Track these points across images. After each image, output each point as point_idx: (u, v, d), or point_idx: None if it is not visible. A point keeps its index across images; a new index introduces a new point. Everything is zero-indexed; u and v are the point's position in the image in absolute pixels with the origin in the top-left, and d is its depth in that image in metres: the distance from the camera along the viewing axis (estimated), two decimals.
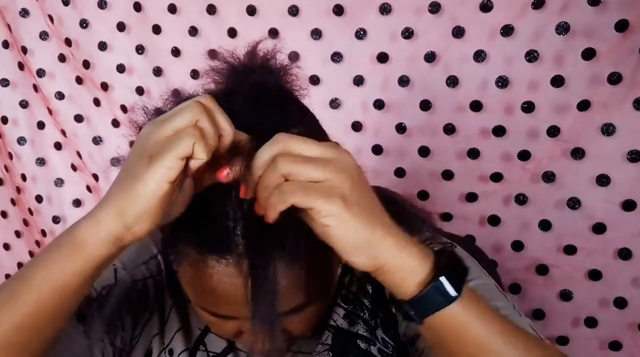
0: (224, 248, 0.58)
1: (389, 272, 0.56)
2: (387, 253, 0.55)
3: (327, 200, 0.52)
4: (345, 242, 0.54)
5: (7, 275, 1.74)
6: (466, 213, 1.34)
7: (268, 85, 0.67)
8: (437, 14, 1.24)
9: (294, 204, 0.52)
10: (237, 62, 0.69)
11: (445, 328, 0.57)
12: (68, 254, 0.55)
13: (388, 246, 0.55)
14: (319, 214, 0.52)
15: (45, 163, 1.63)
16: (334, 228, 0.53)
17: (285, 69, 0.70)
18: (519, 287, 1.34)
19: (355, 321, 0.81)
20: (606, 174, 1.20)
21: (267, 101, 0.65)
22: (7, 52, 1.55)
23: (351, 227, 0.53)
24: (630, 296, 1.26)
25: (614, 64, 1.15)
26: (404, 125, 1.32)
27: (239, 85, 0.66)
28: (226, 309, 0.63)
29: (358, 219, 0.53)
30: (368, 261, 0.55)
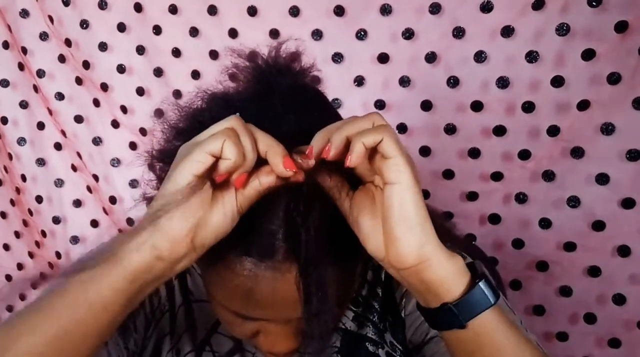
0: (266, 252, 0.58)
1: (433, 269, 0.56)
2: (433, 246, 0.56)
3: (403, 155, 0.53)
4: (405, 211, 0.54)
5: (7, 275, 1.74)
6: (467, 212, 1.35)
7: (306, 89, 0.68)
8: (438, 15, 1.24)
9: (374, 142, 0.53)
10: (261, 61, 0.69)
11: (482, 333, 0.58)
12: (104, 266, 0.54)
13: (434, 239, 0.56)
14: (394, 166, 0.53)
15: (45, 163, 1.63)
16: (398, 189, 0.54)
17: (308, 70, 0.70)
18: (519, 284, 1.36)
19: (364, 323, 0.81)
20: (605, 173, 1.22)
21: (307, 106, 0.65)
22: (7, 52, 1.54)
23: (413, 197, 0.54)
24: (628, 292, 1.28)
25: (613, 64, 1.16)
26: (405, 126, 1.33)
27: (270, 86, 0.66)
28: (256, 311, 0.63)
29: (418, 193, 0.54)
30: (416, 247, 0.55)
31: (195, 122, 0.65)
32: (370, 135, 0.53)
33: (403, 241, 0.55)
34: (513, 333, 0.59)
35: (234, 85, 0.70)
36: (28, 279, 1.73)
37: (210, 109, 0.66)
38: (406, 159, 0.54)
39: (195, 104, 0.68)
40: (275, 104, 0.64)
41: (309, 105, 0.66)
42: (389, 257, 0.57)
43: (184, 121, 0.67)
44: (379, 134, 0.53)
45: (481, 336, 0.58)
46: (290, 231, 0.56)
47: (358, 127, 0.55)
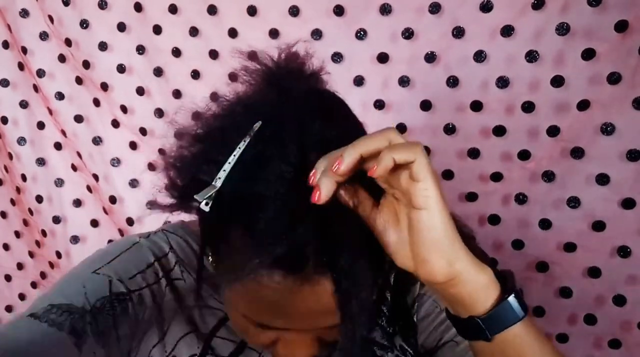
0: (296, 265, 0.57)
1: (462, 284, 0.56)
2: (463, 263, 0.56)
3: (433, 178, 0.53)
4: (434, 235, 0.54)
5: (6, 276, 1.74)
6: (466, 212, 1.34)
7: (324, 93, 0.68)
8: (438, 14, 1.24)
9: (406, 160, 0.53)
10: (273, 65, 0.68)
11: (508, 346, 0.59)
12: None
13: (464, 255, 0.56)
14: (423, 191, 0.53)
15: (45, 163, 1.63)
16: (427, 214, 0.53)
17: (319, 73, 0.70)
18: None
19: (372, 327, 0.81)
20: (605, 173, 1.21)
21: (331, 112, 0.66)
22: (7, 52, 1.54)
23: (442, 220, 0.54)
24: (628, 293, 1.27)
25: (613, 64, 1.16)
26: (405, 126, 1.33)
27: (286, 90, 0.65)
28: (281, 321, 0.62)
29: (447, 216, 0.54)
30: (446, 265, 0.55)
31: (215, 129, 0.64)
32: (402, 153, 0.53)
33: (432, 262, 0.55)
34: (540, 345, 0.60)
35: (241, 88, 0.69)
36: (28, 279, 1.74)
37: (229, 117, 0.65)
38: (435, 182, 0.53)
39: (211, 110, 0.67)
40: (298, 109, 0.63)
41: (333, 112, 0.66)
42: (418, 273, 0.57)
43: (201, 127, 0.66)
44: (412, 154, 0.53)
45: (507, 348, 0.59)
46: (321, 242, 0.56)
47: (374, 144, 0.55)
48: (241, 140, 0.61)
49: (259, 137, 0.61)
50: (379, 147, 0.54)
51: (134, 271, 0.78)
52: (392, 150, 0.53)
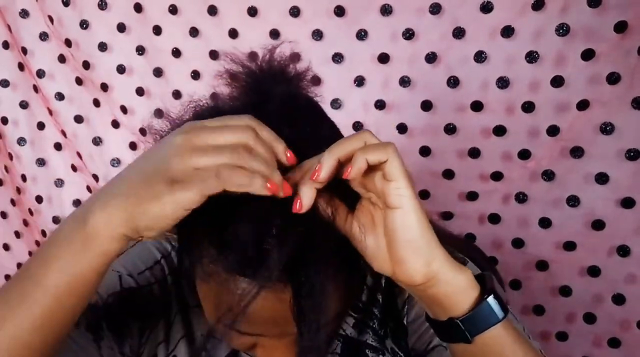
0: (258, 274, 0.56)
1: (440, 285, 0.56)
2: (440, 263, 0.56)
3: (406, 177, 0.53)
4: (410, 234, 0.54)
5: (7, 276, 1.74)
6: (467, 212, 1.35)
7: (299, 97, 0.67)
8: (438, 15, 1.24)
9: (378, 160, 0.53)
10: (255, 66, 0.68)
11: (488, 348, 0.59)
12: (81, 249, 0.54)
13: (441, 255, 0.56)
14: (396, 190, 0.53)
15: (45, 164, 1.63)
16: (402, 214, 0.53)
17: (303, 75, 0.70)
18: (518, 284, 1.36)
19: (364, 330, 0.81)
20: (605, 173, 1.22)
21: (300, 116, 0.65)
22: (7, 52, 1.54)
23: (417, 220, 0.54)
24: (628, 292, 1.28)
25: (613, 64, 1.16)
26: (405, 126, 1.33)
27: (264, 94, 0.65)
28: (251, 327, 0.62)
29: (423, 215, 0.54)
30: (423, 266, 0.55)
31: None
32: (375, 153, 0.53)
33: (410, 262, 0.55)
34: (520, 347, 0.59)
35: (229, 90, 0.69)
36: None
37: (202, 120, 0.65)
38: (408, 182, 0.53)
39: (187, 116, 0.67)
40: (269, 114, 0.62)
41: (301, 116, 0.65)
42: (396, 275, 0.57)
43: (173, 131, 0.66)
44: (384, 153, 0.53)
45: (488, 350, 0.59)
46: (285, 252, 0.55)
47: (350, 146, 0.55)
48: None
49: None
50: (354, 148, 0.55)
51: (142, 267, 0.79)
52: (364, 151, 0.53)
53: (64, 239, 0.55)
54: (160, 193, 0.51)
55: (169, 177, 0.52)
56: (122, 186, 0.54)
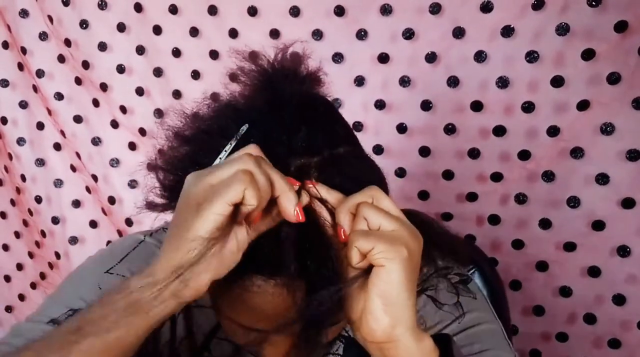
0: (275, 270, 0.57)
1: (397, 350, 0.56)
2: (405, 328, 0.55)
3: (391, 244, 0.53)
4: (384, 291, 0.54)
5: (5, 276, 1.74)
6: (466, 212, 1.35)
7: (316, 98, 0.67)
8: (438, 15, 1.24)
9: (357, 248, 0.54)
10: (268, 65, 0.67)
11: None
12: (126, 315, 0.54)
13: (409, 322, 0.56)
14: (376, 254, 0.53)
15: (44, 164, 1.63)
16: (385, 271, 0.53)
17: (314, 74, 0.69)
18: (518, 284, 1.36)
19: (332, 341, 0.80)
20: (605, 173, 1.22)
21: (318, 117, 0.64)
22: (7, 52, 1.55)
23: (398, 280, 0.54)
24: (628, 293, 1.27)
25: (613, 64, 1.16)
26: (405, 126, 1.33)
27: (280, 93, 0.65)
28: (263, 324, 0.62)
29: (407, 279, 0.54)
30: (387, 326, 0.55)
31: (201, 132, 0.64)
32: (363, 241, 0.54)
33: (376, 317, 0.55)
34: None
35: (239, 88, 0.69)
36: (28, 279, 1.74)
37: (218, 120, 0.65)
38: (399, 249, 0.53)
39: (202, 112, 0.67)
40: (286, 116, 0.62)
41: (320, 119, 0.65)
42: (359, 326, 0.57)
43: (190, 129, 0.65)
44: (371, 243, 0.53)
45: None
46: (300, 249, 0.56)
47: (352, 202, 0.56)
48: (227, 143, 0.60)
49: (244, 141, 0.60)
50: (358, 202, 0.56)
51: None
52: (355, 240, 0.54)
53: (110, 303, 0.55)
54: (189, 222, 0.52)
55: (193, 208, 0.52)
56: (164, 246, 0.55)
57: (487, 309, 0.79)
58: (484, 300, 0.80)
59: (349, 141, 0.66)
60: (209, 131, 0.63)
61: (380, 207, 0.56)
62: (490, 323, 0.77)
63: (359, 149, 0.68)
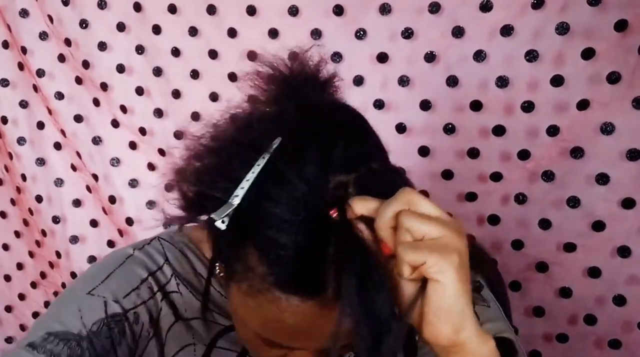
0: (315, 290, 0.56)
1: (463, 353, 0.55)
2: (470, 332, 0.55)
3: (441, 255, 0.52)
4: (442, 304, 0.53)
5: (5, 276, 1.74)
6: (466, 213, 1.34)
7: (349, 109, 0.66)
8: (437, 14, 1.24)
9: (408, 262, 0.52)
10: (286, 70, 0.66)
11: None
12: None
13: (472, 326, 0.55)
14: (430, 269, 0.52)
15: (45, 163, 1.63)
16: (441, 285, 0.52)
17: (333, 79, 0.68)
18: (518, 285, 1.35)
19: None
20: (605, 173, 1.21)
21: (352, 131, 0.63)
22: (7, 52, 1.55)
23: (455, 291, 0.53)
24: (629, 293, 1.27)
25: (613, 63, 1.15)
26: (404, 125, 1.33)
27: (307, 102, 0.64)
28: (293, 342, 0.62)
29: (462, 286, 0.53)
30: (451, 333, 0.54)
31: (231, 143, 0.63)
32: (413, 255, 0.52)
33: (438, 327, 0.54)
34: None
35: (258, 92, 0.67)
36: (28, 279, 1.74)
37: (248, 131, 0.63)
38: (450, 258, 0.52)
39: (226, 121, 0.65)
40: (321, 129, 0.61)
41: (356, 129, 0.64)
42: (422, 331, 0.56)
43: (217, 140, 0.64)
44: (421, 256, 0.52)
45: None
46: (339, 268, 0.54)
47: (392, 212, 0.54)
48: (259, 157, 0.59)
49: (278, 155, 0.59)
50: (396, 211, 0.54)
51: (128, 289, 0.76)
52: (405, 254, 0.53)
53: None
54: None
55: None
56: None
57: (502, 317, 0.78)
58: (497, 308, 0.79)
59: (381, 155, 0.65)
60: (239, 143, 0.62)
61: (420, 213, 0.53)
62: (505, 333, 0.75)
63: (389, 162, 0.67)
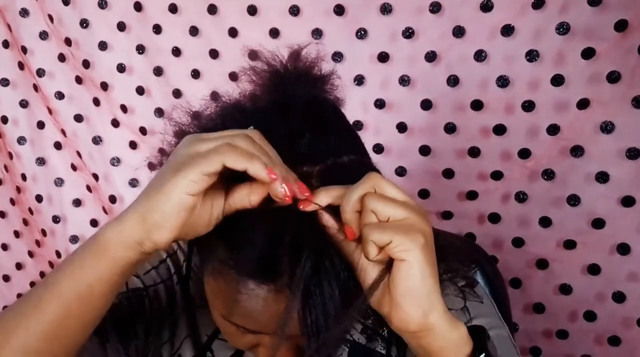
0: (269, 275, 0.57)
1: (433, 337, 0.56)
2: (439, 316, 0.55)
3: (407, 234, 0.52)
4: (409, 285, 0.53)
5: (4, 276, 1.74)
6: (466, 211, 1.35)
7: (325, 103, 0.66)
8: (438, 14, 1.24)
9: (374, 242, 0.53)
10: (281, 66, 0.67)
11: None
12: (92, 258, 0.55)
13: (441, 308, 0.55)
14: (395, 248, 0.52)
15: (45, 163, 1.63)
16: (407, 265, 0.53)
17: (327, 78, 0.69)
18: (519, 282, 1.36)
19: (372, 336, 0.80)
20: (605, 171, 1.22)
21: (324, 123, 0.64)
22: (7, 51, 1.54)
23: (420, 271, 0.53)
24: (628, 290, 1.28)
25: (613, 63, 1.16)
26: (405, 125, 1.33)
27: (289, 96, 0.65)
28: (256, 326, 0.62)
29: (428, 266, 0.53)
30: (420, 316, 0.54)
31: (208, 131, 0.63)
32: (378, 235, 0.53)
33: (406, 309, 0.54)
34: None
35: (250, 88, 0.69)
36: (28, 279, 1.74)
37: (223, 119, 0.65)
38: (415, 238, 0.53)
39: (209, 111, 0.67)
40: (293, 118, 0.62)
41: (326, 125, 0.64)
42: (391, 318, 0.56)
43: (195, 127, 0.66)
44: (387, 236, 0.52)
45: None
46: (295, 256, 0.55)
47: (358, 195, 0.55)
48: None
49: None
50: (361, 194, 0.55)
51: (148, 267, 0.79)
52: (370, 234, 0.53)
53: (79, 251, 0.56)
54: (165, 182, 0.52)
55: (174, 168, 0.52)
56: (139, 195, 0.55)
57: (495, 313, 0.79)
58: (490, 304, 0.80)
59: (355, 150, 0.65)
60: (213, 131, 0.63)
61: (385, 196, 0.54)
62: (497, 329, 0.76)
63: (365, 158, 0.67)
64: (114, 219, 0.55)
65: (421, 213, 0.54)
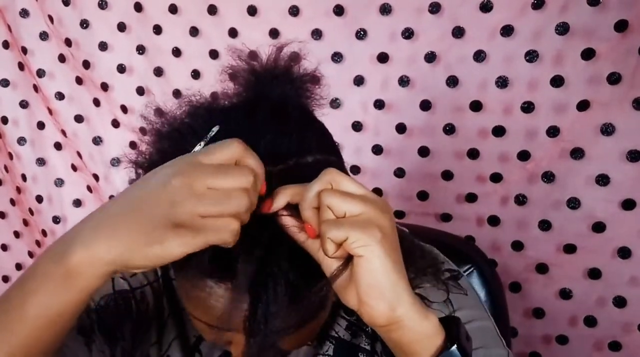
0: (225, 275, 0.57)
1: (403, 330, 0.56)
2: (406, 308, 0.55)
3: (363, 230, 0.52)
4: (372, 280, 0.53)
5: (4, 277, 1.74)
6: (465, 213, 1.34)
7: (290, 104, 0.65)
8: (437, 14, 1.24)
9: (331, 239, 0.52)
10: (259, 65, 0.67)
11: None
12: (61, 286, 0.52)
13: (408, 301, 0.55)
14: (352, 244, 0.52)
15: (45, 163, 1.63)
16: (365, 260, 0.52)
17: (307, 77, 0.68)
18: (518, 287, 1.34)
19: (357, 333, 0.80)
20: (606, 174, 1.21)
21: (288, 124, 0.63)
22: (7, 52, 1.55)
23: (381, 265, 0.53)
24: (629, 295, 1.26)
25: (613, 64, 1.15)
26: (404, 126, 1.32)
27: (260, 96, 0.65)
28: (221, 324, 0.61)
29: (389, 260, 0.53)
30: (387, 310, 0.54)
31: (174, 131, 0.64)
32: (335, 232, 0.52)
33: (372, 304, 0.54)
34: None
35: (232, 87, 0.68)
36: None
37: (191, 118, 0.64)
38: (372, 233, 0.52)
39: (180, 110, 0.66)
40: (257, 119, 0.62)
41: (290, 125, 0.63)
42: (361, 312, 0.56)
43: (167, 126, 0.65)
44: (343, 232, 0.52)
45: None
46: (249, 258, 0.55)
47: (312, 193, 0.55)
48: (197, 143, 0.59)
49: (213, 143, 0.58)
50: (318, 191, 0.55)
51: None
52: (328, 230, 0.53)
53: (44, 274, 0.53)
54: (164, 237, 0.50)
55: (173, 223, 0.50)
56: (108, 224, 0.52)
57: (479, 305, 0.78)
58: (475, 296, 0.79)
59: (322, 149, 0.64)
60: (181, 130, 0.63)
61: (341, 191, 0.54)
62: (481, 320, 0.75)
63: (334, 157, 0.66)
64: (81, 245, 0.51)
65: (380, 206, 0.54)
